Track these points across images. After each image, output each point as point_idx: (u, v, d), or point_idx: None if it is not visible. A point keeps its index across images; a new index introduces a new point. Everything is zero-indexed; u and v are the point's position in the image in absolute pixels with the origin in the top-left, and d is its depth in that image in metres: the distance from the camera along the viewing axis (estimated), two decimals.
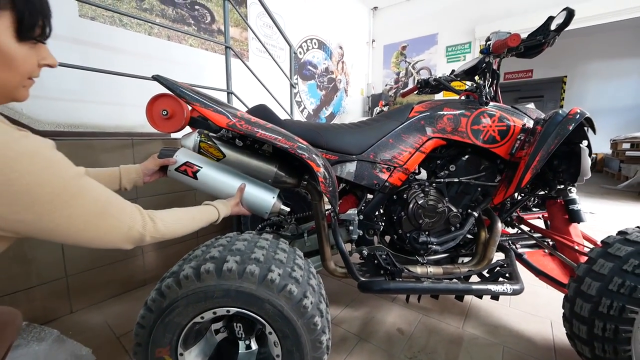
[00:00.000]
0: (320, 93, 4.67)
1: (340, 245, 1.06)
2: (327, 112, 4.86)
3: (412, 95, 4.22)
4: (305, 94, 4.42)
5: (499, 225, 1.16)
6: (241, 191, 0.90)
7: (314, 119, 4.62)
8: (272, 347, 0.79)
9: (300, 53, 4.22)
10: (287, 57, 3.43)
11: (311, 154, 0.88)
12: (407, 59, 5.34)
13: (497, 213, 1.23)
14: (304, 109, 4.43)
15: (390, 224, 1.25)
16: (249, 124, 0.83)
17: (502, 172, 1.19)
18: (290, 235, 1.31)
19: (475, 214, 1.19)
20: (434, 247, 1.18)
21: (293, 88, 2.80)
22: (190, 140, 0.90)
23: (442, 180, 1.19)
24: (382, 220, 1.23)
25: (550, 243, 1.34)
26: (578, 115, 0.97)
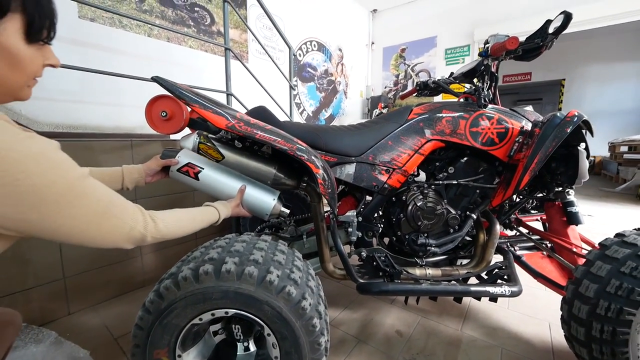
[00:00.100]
0: (319, 95, 4.68)
1: (339, 247, 1.06)
2: (326, 114, 4.87)
3: (411, 97, 4.25)
4: (304, 96, 4.43)
5: (497, 227, 1.17)
6: (242, 192, 0.90)
7: (313, 120, 4.62)
8: (270, 348, 0.79)
9: (299, 55, 4.23)
10: (286, 59, 3.45)
11: (310, 155, 0.88)
12: (407, 61, 5.36)
13: (495, 215, 1.23)
14: (304, 110, 4.44)
15: (389, 225, 1.25)
16: (248, 125, 0.83)
17: (501, 175, 1.20)
18: (289, 236, 1.31)
19: (474, 216, 1.19)
20: (433, 249, 1.18)
21: (292, 90, 2.80)
22: (190, 141, 0.91)
23: (440, 183, 1.20)
24: (381, 222, 1.23)
25: (548, 245, 1.35)
26: (576, 117, 0.98)
